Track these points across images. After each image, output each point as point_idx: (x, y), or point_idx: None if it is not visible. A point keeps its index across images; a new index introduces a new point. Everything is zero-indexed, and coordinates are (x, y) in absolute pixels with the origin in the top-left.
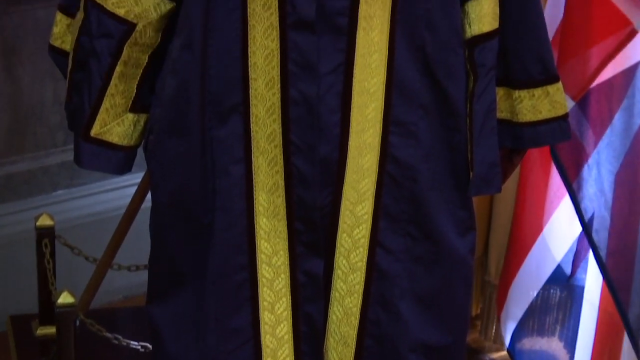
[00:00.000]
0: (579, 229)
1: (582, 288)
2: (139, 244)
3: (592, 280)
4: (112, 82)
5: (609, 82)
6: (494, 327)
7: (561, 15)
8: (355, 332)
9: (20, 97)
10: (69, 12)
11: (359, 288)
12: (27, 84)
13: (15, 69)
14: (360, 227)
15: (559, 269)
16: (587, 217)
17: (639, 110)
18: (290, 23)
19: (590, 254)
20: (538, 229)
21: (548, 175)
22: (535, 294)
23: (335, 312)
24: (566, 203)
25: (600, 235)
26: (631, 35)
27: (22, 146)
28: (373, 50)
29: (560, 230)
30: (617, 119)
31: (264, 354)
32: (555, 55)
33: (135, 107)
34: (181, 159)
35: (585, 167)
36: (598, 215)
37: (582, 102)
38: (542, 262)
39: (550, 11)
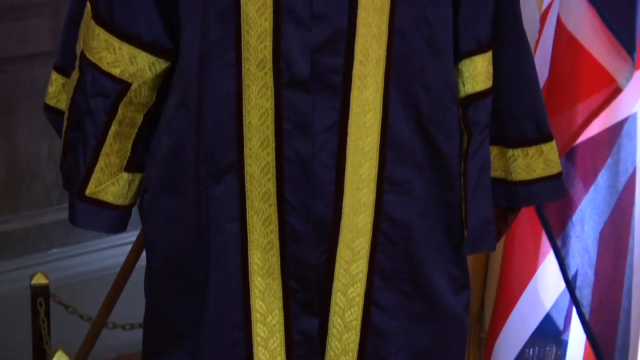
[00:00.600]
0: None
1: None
2: (133, 303)
3: (575, 337)
4: (107, 142)
5: (594, 139)
6: None
7: (547, 72)
8: None
9: (16, 155)
10: (65, 72)
11: (354, 347)
12: (22, 142)
13: (11, 127)
14: (355, 286)
15: (548, 322)
16: (570, 273)
17: (624, 169)
18: (284, 82)
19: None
20: (526, 280)
21: (536, 228)
22: (521, 347)
23: None
24: (553, 256)
25: (584, 292)
26: (616, 93)
27: (17, 204)
28: (367, 109)
29: (547, 283)
30: (602, 176)
31: None
32: None
33: (130, 166)
34: (176, 217)
35: (570, 224)
36: (582, 273)
37: (567, 159)
38: (530, 315)
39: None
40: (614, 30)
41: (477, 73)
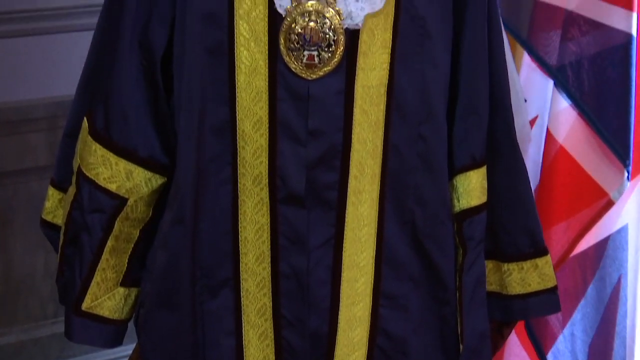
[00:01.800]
0: None
1: None
2: None
3: None
4: (104, 257)
5: (585, 252)
6: None
7: (535, 184)
8: None
9: (12, 268)
10: (62, 187)
11: None
12: (18, 255)
13: (7, 240)
14: None
15: None
16: None
17: (611, 281)
18: (280, 198)
19: None
20: None
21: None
22: None
23: None
24: None
25: None
26: (608, 206)
27: (12, 317)
28: (363, 224)
29: None
30: (591, 290)
31: None
32: None
33: (126, 281)
34: (172, 332)
35: (561, 338)
36: None
37: (559, 273)
38: None
39: None
40: (608, 142)
41: (471, 188)
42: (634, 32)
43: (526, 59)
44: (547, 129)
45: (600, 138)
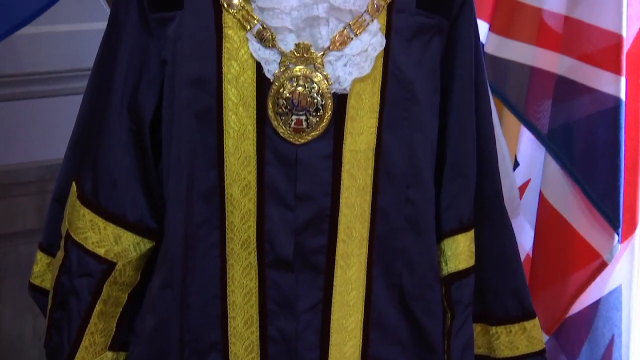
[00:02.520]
0: None
1: None
2: None
3: None
4: (92, 321)
5: (580, 313)
6: None
7: (529, 247)
8: None
9: (0, 332)
10: (50, 252)
11: None
12: (7, 319)
13: None
14: None
15: None
16: None
17: (604, 341)
18: (268, 262)
19: None
20: None
21: None
22: None
23: None
24: None
25: None
26: (601, 267)
27: None
28: (351, 288)
29: None
30: (585, 349)
31: None
32: None
33: (115, 345)
34: None
35: None
36: None
37: (556, 334)
38: None
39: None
40: (598, 206)
41: (459, 252)
42: (622, 95)
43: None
44: (540, 191)
45: (592, 204)
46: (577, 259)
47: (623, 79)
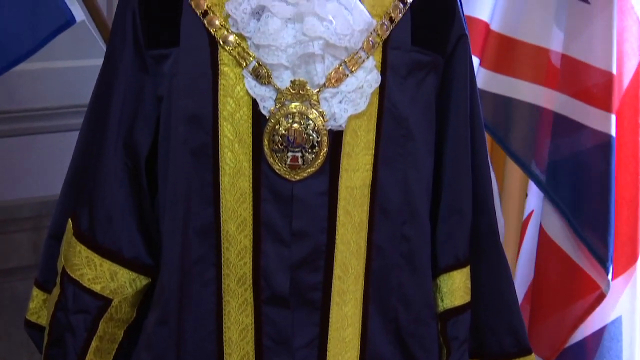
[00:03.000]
0: None
1: None
2: None
3: None
4: (88, 357)
5: (580, 343)
6: None
7: (530, 279)
8: None
9: None
10: (46, 288)
11: None
12: (2, 355)
13: None
14: None
15: None
16: None
17: None
18: (264, 298)
19: None
20: None
21: None
22: None
23: None
24: None
25: None
26: (600, 298)
27: None
28: (347, 324)
29: None
30: None
31: None
32: (527, 314)
33: None
34: None
35: None
36: None
37: None
38: None
39: (521, 271)
40: (589, 246)
41: (455, 288)
42: (612, 132)
43: None
44: (541, 225)
45: (582, 242)
46: (577, 290)
47: (613, 117)
